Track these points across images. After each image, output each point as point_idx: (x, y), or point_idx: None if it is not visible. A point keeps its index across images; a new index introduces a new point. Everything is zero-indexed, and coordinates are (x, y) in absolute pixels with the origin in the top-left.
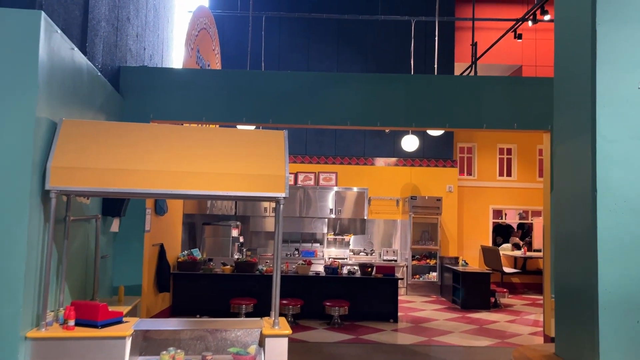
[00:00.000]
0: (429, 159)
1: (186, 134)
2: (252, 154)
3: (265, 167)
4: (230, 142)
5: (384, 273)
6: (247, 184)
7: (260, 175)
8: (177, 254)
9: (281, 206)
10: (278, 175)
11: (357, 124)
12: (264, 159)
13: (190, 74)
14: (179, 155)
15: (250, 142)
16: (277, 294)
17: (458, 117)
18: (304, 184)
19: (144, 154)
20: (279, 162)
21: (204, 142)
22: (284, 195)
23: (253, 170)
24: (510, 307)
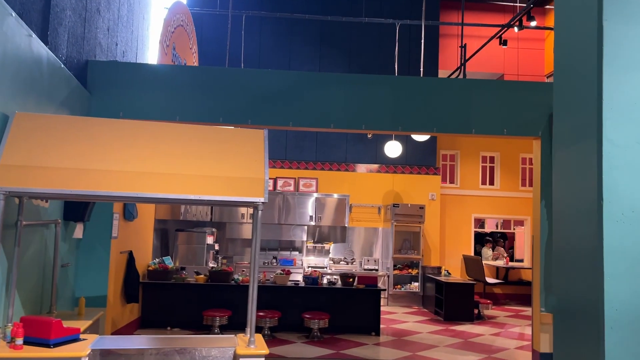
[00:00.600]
0: (412, 165)
1: (156, 131)
2: (229, 154)
3: (242, 169)
4: (204, 140)
5: (366, 284)
6: (222, 187)
7: (237, 178)
8: (147, 262)
9: (259, 212)
10: (257, 179)
11: (341, 127)
12: (241, 161)
13: (163, 70)
14: (148, 155)
15: (227, 141)
16: (253, 309)
17: (446, 121)
18: (283, 189)
19: (109, 152)
20: (258, 164)
21: (176, 140)
22: (263, 200)
23: (229, 173)
24: (493, 318)
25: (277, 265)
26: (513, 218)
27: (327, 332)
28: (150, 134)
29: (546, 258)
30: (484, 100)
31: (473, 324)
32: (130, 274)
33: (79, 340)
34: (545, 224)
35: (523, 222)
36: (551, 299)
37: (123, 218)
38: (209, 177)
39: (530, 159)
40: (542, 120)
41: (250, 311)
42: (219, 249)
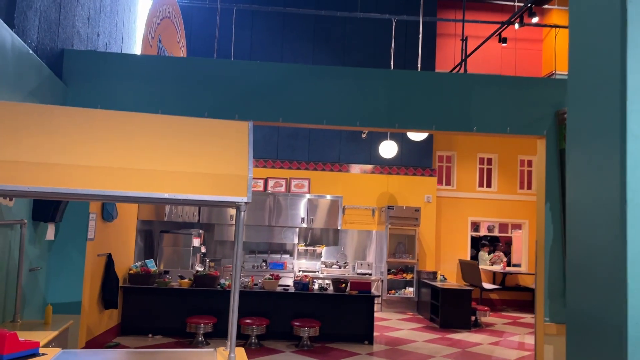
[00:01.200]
0: (407, 166)
1: (126, 122)
2: (208, 148)
3: (224, 165)
4: (180, 132)
5: (360, 289)
6: (200, 185)
7: (218, 175)
8: (129, 265)
9: (242, 213)
10: (239, 176)
11: (334, 124)
12: (222, 156)
13: (146, 60)
14: (115, 148)
15: (206, 133)
16: (234, 321)
17: (446, 118)
18: (274, 190)
19: (70, 144)
20: (241, 160)
21: (148, 132)
22: (246, 200)
23: (209, 169)
24: (491, 326)
25: (267, 269)
26: (511, 221)
27: (318, 341)
28: (120, 125)
29: (551, 264)
30: (485, 97)
31: (470, 332)
32: (109, 278)
33: (37, 355)
34: (550, 228)
35: (521, 226)
36: (567, 310)
37: (101, 218)
38: (184, 174)
39: (529, 161)
40: (547, 118)
41: (231, 323)
42: (206, 252)
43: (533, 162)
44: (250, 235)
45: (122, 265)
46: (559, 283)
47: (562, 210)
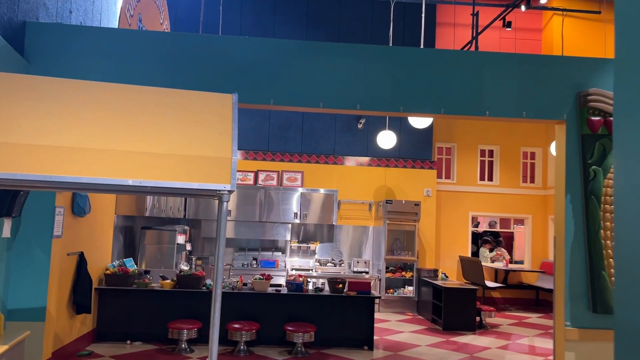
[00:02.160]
0: (406, 159)
1: (88, 93)
2: (184, 125)
3: (202, 145)
4: (151, 105)
5: (358, 290)
6: (174, 169)
7: (195, 158)
8: (105, 265)
9: (225, 205)
10: (221, 158)
11: (332, 107)
12: (200, 134)
13: (123, 35)
14: (69, 123)
15: (182, 107)
16: (215, 329)
17: (455, 101)
18: (265, 184)
19: (13, 119)
20: (223, 139)
21: (112, 104)
22: (230, 188)
23: (183, 149)
24: (496, 327)
25: (258, 267)
26: (513, 216)
27: (313, 347)
28: (72, 95)
29: (572, 263)
30: (500, 78)
31: (475, 334)
32: (81, 280)
33: None
34: (571, 223)
35: (523, 221)
36: (615, 319)
37: (71, 213)
38: (153, 156)
39: (532, 153)
40: (567, 101)
41: (212, 332)
42: (192, 250)
43: (535, 155)
44: (239, 231)
45: (97, 265)
46: (582, 284)
47: (584, 203)
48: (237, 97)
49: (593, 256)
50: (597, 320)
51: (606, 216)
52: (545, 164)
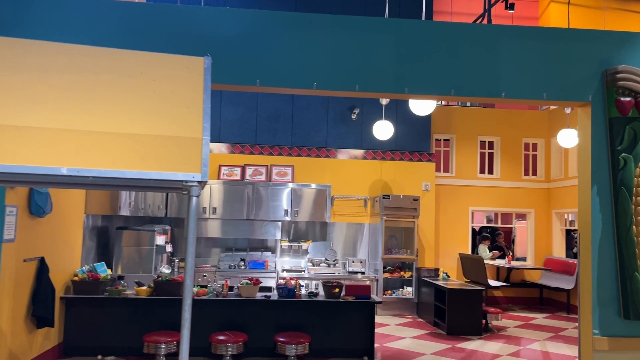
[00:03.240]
0: (402, 151)
1: (16, 51)
2: (142, 94)
3: (164, 122)
4: (99, 70)
5: (357, 294)
6: (125, 154)
7: (154, 139)
8: (74, 271)
9: (194, 200)
10: (188, 139)
11: (327, 87)
12: (161, 108)
13: (89, 4)
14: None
15: (138, 73)
16: (184, 352)
17: (467, 81)
18: (253, 179)
19: None
20: (191, 114)
21: (45, 69)
22: (200, 178)
23: (138, 127)
24: (503, 330)
25: (246, 269)
26: (515, 211)
27: (307, 359)
28: (13, 58)
29: (600, 263)
30: (517, 54)
31: (483, 339)
32: (41, 289)
33: None
34: (598, 217)
35: (525, 216)
36: None
37: (28, 213)
38: (98, 136)
39: (534, 144)
40: (593, 81)
41: (182, 352)
42: (173, 251)
43: (537, 146)
44: (226, 230)
45: (63, 272)
46: (611, 287)
47: (613, 195)
48: (210, 62)
49: (624, 255)
50: (629, 327)
51: (639, 210)
52: (548, 156)
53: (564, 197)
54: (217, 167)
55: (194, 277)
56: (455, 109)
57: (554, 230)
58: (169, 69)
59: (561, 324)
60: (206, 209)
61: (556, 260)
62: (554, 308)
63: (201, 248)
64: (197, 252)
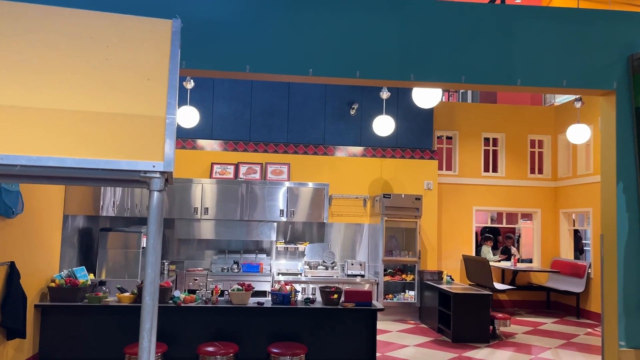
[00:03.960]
0: (404, 148)
1: None
2: (90, 62)
3: (117, 96)
4: (39, 32)
5: (357, 301)
6: (65, 136)
7: (103, 117)
8: (51, 276)
9: (156, 196)
10: (148, 118)
11: (325, 74)
12: (115, 78)
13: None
14: None
15: (88, 36)
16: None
17: (479, 67)
18: (247, 177)
19: None
20: (154, 88)
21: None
22: (162, 168)
23: (85, 103)
24: (511, 337)
25: (240, 272)
26: (520, 210)
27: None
28: None
29: (626, 268)
30: (534, 38)
31: (491, 347)
32: (11, 297)
33: None
34: (624, 217)
35: (531, 216)
36: None
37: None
38: (30, 113)
39: (540, 141)
40: (617, 67)
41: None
42: (161, 254)
43: (544, 143)
44: (219, 231)
45: (38, 277)
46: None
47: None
48: (179, 26)
49: None
50: None
51: None
52: (555, 153)
53: (572, 196)
54: (209, 165)
55: (185, 281)
56: (457, 104)
57: (561, 231)
58: (127, 32)
59: (572, 329)
60: (198, 209)
61: (564, 262)
62: (562, 312)
63: (192, 250)
64: (188, 255)
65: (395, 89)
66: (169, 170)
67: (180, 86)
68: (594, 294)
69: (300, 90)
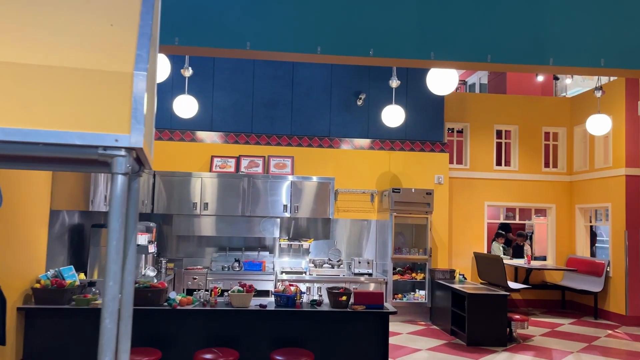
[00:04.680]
0: (413, 141)
1: None
2: (34, 2)
3: (69, 45)
4: None
5: (367, 303)
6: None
7: (49, 71)
8: (36, 276)
9: (121, 180)
10: (109, 74)
11: (334, 52)
12: (68, 21)
13: None
14: None
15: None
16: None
17: (507, 44)
18: (249, 171)
19: None
20: (118, 34)
21: None
22: (128, 143)
23: (25, 54)
24: (529, 340)
25: (241, 270)
26: (534, 206)
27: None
28: None
29: None
30: (568, 12)
31: (509, 351)
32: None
33: None
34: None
35: (545, 211)
36: None
37: None
38: None
39: (555, 133)
40: None
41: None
42: (158, 251)
43: (559, 136)
44: (219, 228)
45: (22, 277)
46: None
47: None
48: None
49: None
50: None
51: None
52: (570, 146)
53: (589, 190)
54: (209, 158)
55: (183, 280)
56: (468, 95)
57: (577, 227)
58: None
59: (591, 331)
60: (197, 204)
61: (581, 260)
62: (579, 312)
63: (192, 247)
64: (188, 252)
65: (405, 77)
66: (137, 146)
67: (178, 74)
68: (613, 293)
69: (305, 79)
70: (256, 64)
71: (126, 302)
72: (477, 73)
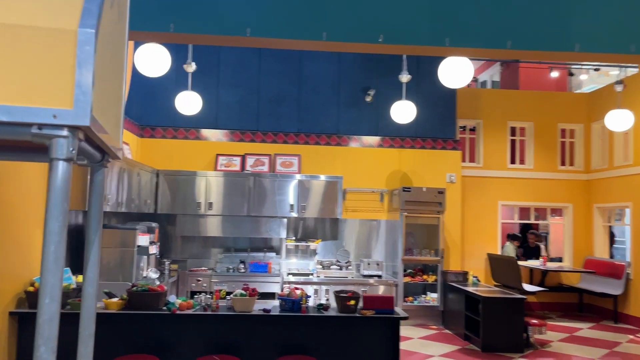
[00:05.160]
0: (424, 138)
1: None
2: None
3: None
4: None
5: (377, 308)
6: None
7: None
8: (30, 279)
9: (61, 166)
10: (45, 31)
11: (341, 39)
12: None
13: None
14: None
15: None
16: None
17: (529, 29)
18: (254, 170)
19: None
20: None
21: None
22: (71, 120)
23: None
24: (546, 345)
25: (247, 272)
26: (550, 205)
27: None
28: None
29: None
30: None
31: (525, 357)
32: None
33: None
34: None
35: (561, 211)
36: None
37: None
38: None
39: (571, 130)
40: None
41: None
42: (161, 252)
43: (575, 133)
44: (224, 228)
45: (14, 280)
46: None
47: None
48: None
49: None
50: None
51: None
52: (587, 143)
53: (608, 189)
54: (214, 156)
55: (187, 282)
56: (481, 91)
57: (595, 228)
58: None
59: (611, 336)
60: (201, 204)
61: (599, 262)
62: (597, 316)
63: (196, 248)
64: (192, 253)
65: (416, 71)
66: (83, 124)
67: (180, 70)
68: (634, 296)
69: (312, 75)
70: (262, 59)
71: (86, 319)
72: (488, 70)
